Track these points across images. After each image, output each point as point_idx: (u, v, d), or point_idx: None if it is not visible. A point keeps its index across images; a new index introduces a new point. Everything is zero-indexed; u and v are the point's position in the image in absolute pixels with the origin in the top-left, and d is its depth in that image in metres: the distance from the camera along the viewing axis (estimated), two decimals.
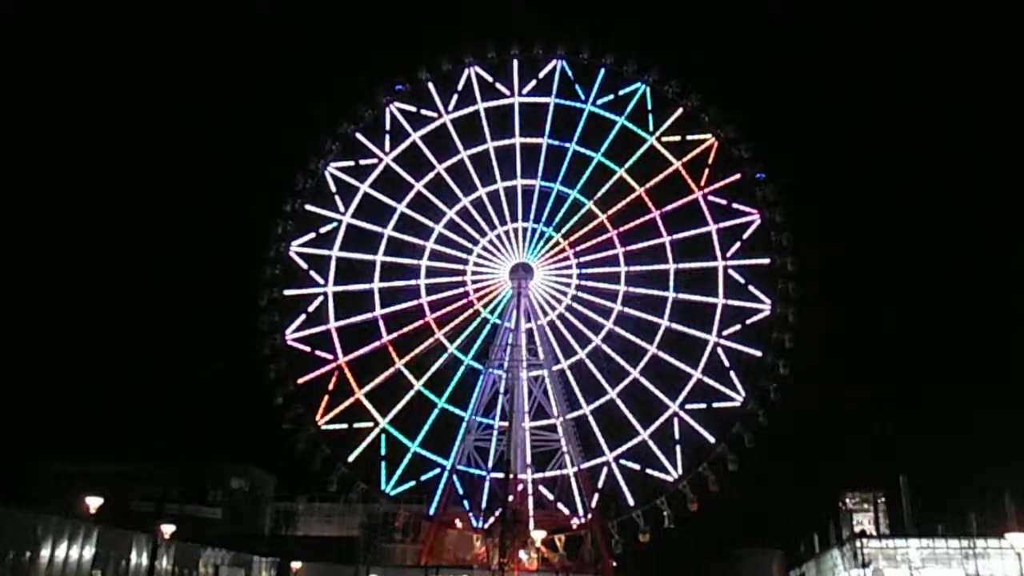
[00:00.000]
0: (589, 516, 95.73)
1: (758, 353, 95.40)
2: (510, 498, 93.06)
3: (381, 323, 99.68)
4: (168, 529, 59.44)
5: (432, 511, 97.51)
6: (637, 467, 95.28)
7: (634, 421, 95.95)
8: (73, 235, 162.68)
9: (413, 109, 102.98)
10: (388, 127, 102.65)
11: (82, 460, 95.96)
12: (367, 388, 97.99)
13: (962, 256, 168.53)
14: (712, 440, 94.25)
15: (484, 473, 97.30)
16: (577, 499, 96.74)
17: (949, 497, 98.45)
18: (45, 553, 54.51)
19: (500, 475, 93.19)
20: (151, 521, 62.54)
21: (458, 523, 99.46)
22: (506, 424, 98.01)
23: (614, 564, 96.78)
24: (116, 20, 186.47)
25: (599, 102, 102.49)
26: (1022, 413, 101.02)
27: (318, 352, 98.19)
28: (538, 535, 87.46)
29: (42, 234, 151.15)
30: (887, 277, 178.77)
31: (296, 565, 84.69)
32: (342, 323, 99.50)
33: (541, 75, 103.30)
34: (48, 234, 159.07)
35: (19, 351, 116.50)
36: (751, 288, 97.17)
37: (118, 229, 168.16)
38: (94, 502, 54.44)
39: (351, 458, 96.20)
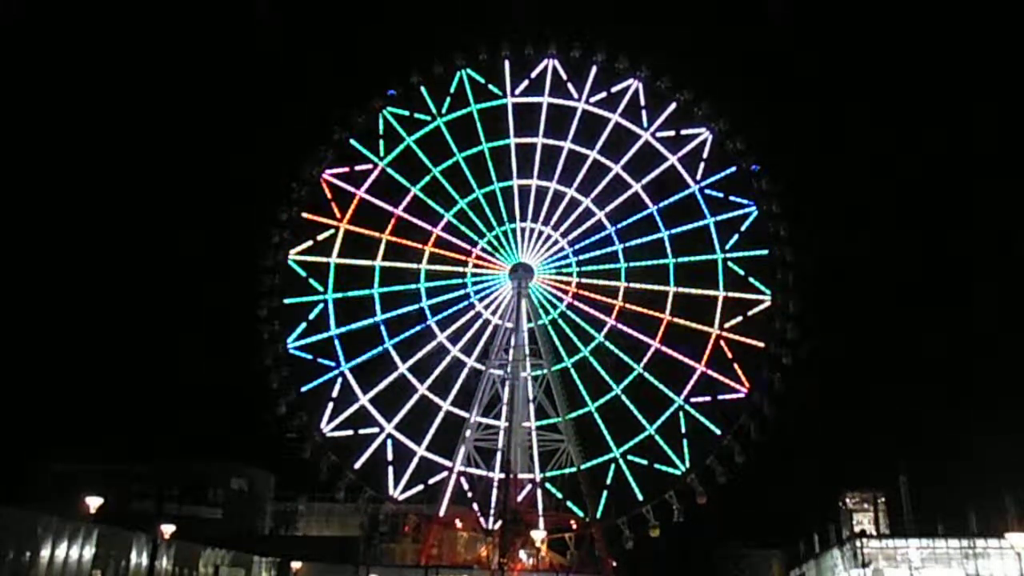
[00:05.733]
0: (590, 515, 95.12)
1: (760, 344, 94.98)
2: (517, 498, 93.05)
3: (383, 328, 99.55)
4: (168, 529, 59.49)
5: (442, 513, 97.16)
6: (645, 462, 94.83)
7: (640, 416, 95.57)
8: (74, 238, 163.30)
9: (406, 113, 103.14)
10: (382, 132, 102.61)
11: (82, 460, 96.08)
12: (371, 394, 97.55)
13: (964, 252, 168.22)
14: (718, 433, 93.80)
15: (487, 474, 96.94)
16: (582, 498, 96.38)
17: (949, 497, 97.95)
18: (45, 553, 54.76)
19: (502, 475, 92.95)
20: (151, 521, 62.38)
21: (458, 523, 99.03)
22: (506, 424, 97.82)
23: (614, 564, 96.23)
24: (115, 22, 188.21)
25: (592, 99, 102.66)
26: (1022, 414, 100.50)
27: (320, 359, 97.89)
28: (538, 535, 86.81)
29: (42, 236, 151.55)
30: (886, 274, 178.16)
31: (296, 565, 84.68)
32: (343, 330, 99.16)
33: (533, 75, 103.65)
34: (48, 236, 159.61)
35: (19, 351, 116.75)
36: (751, 280, 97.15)
37: (118, 232, 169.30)
38: (94, 502, 54.56)
39: (358, 464, 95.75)
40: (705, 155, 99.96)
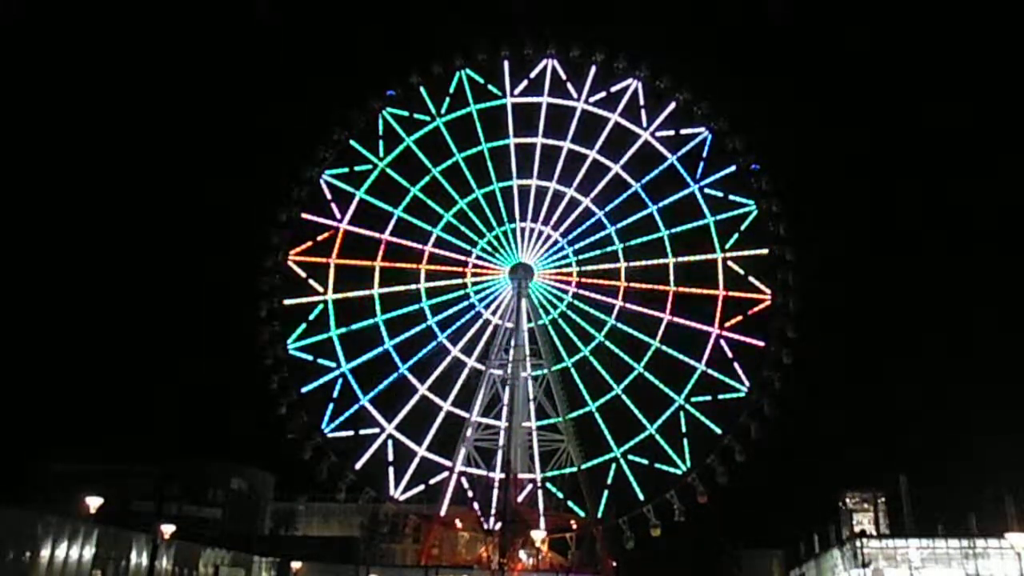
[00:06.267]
0: (590, 515, 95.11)
1: (761, 343, 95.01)
2: (517, 498, 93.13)
3: (383, 328, 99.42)
4: (168, 529, 59.38)
5: (443, 513, 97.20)
6: (645, 462, 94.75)
7: (640, 416, 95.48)
8: (74, 239, 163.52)
9: (406, 114, 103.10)
10: (381, 132, 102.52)
11: (82, 460, 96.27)
12: (372, 394, 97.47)
13: (964, 251, 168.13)
14: (719, 432, 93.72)
15: (487, 474, 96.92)
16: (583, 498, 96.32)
17: (949, 497, 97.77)
18: (45, 553, 54.67)
19: (502, 476, 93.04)
20: (151, 521, 62.34)
21: (458, 523, 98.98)
22: (506, 424, 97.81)
23: (614, 564, 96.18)
24: (115, 22, 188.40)
25: (591, 99, 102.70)
26: (1022, 414, 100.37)
27: (320, 360, 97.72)
28: (538, 535, 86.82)
29: (43, 237, 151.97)
30: (886, 273, 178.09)
31: (296, 565, 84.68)
32: (343, 330, 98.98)
33: (532, 75, 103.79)
34: (48, 237, 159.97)
35: (20, 352, 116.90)
36: (751, 279, 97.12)
37: (119, 233, 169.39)
38: (94, 502, 54.55)
39: (358, 465, 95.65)
40: (704, 154, 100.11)
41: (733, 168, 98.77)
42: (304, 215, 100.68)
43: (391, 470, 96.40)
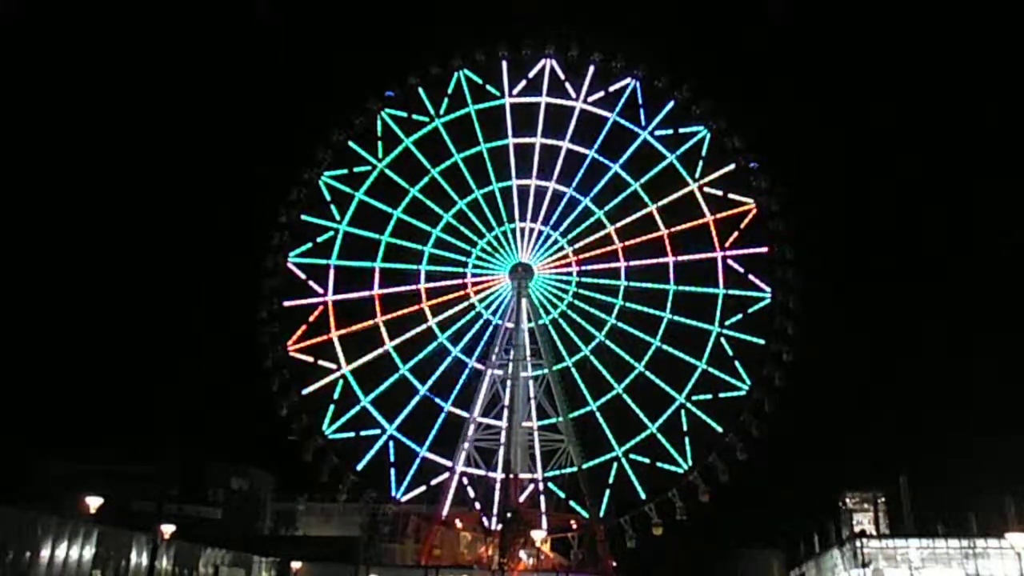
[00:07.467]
0: (591, 515, 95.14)
1: (761, 341, 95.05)
2: (519, 498, 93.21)
3: (383, 329, 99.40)
4: (168, 529, 59.33)
5: (444, 514, 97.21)
6: (647, 461, 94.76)
7: (641, 415, 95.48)
8: (75, 239, 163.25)
9: (404, 114, 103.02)
10: (380, 133, 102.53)
11: (82, 460, 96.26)
12: (372, 395, 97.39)
13: (964, 250, 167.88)
14: (720, 430, 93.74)
15: (487, 474, 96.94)
16: (584, 498, 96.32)
17: (949, 497, 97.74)
18: (45, 553, 54.52)
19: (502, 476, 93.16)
20: (151, 521, 62.33)
21: (458, 523, 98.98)
22: (507, 424, 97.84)
23: (614, 564, 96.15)
24: (114, 23, 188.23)
25: (590, 99, 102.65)
26: (1022, 413, 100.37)
27: (321, 361, 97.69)
28: (538, 535, 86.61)
29: (43, 237, 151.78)
30: (886, 272, 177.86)
31: (296, 565, 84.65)
32: (344, 331, 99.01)
33: (531, 75, 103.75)
34: (49, 237, 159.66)
35: (20, 351, 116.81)
36: (751, 277, 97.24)
37: (119, 234, 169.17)
38: (94, 502, 54.54)
39: (360, 466, 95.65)
40: (703, 153, 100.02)
41: (732, 166, 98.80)
42: (303, 216, 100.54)
43: (392, 471, 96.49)
